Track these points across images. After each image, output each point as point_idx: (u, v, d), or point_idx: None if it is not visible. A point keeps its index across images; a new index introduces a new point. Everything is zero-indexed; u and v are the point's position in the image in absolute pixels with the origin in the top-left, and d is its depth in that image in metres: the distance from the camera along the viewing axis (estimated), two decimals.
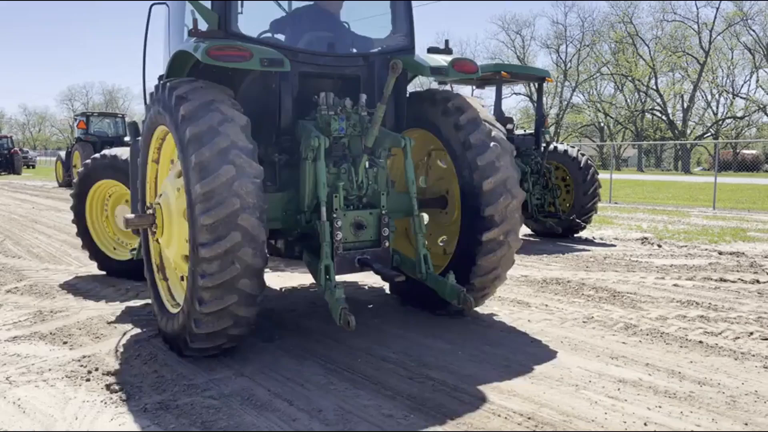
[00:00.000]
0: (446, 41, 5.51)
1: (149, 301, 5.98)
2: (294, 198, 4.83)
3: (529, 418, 3.44)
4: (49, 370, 4.21)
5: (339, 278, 4.49)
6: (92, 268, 7.68)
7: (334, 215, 4.49)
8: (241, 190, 3.89)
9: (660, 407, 3.60)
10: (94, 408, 3.61)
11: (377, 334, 4.96)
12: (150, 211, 4.77)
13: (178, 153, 4.15)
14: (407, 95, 5.50)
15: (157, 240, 4.81)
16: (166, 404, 3.64)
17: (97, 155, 7.11)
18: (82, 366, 4.27)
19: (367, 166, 4.77)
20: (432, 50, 5.42)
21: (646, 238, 10.92)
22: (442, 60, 5.11)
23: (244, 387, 3.89)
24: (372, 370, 4.18)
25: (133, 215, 4.89)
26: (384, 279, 4.84)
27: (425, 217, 5.37)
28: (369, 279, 6.88)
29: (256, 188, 3.97)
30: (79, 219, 7.16)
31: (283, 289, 6.66)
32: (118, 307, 5.81)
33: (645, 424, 3.37)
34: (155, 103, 4.54)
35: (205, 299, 3.93)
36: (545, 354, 4.53)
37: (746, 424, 3.38)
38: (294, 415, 3.50)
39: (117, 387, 3.89)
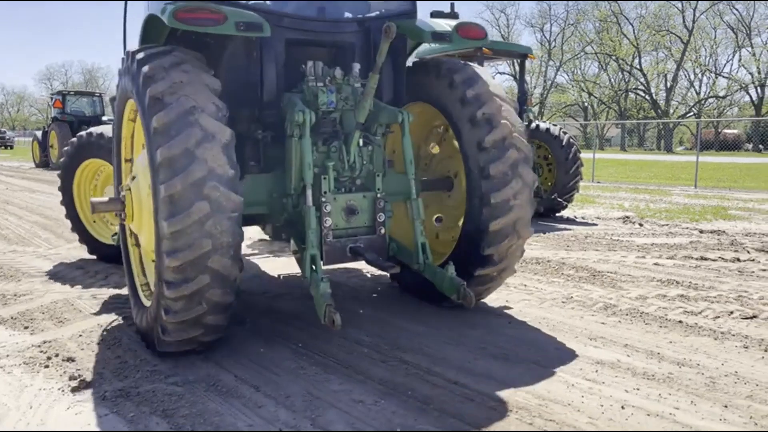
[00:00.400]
0: (452, 4, 5.03)
1: (118, 284, 5.82)
2: (280, 180, 4.40)
3: (503, 403, 3.33)
4: (7, 356, 4.02)
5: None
6: (61, 250, 7.48)
7: (323, 199, 4.10)
8: (214, 229, 3.48)
9: (638, 389, 3.50)
10: (51, 396, 3.44)
11: (352, 317, 4.83)
12: (122, 194, 4.40)
13: (149, 169, 3.66)
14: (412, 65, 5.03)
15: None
16: (126, 391, 3.48)
17: (82, 133, 6.67)
18: (42, 352, 4.10)
19: (360, 144, 4.31)
20: (435, 14, 4.94)
21: (627, 217, 10.87)
22: (445, 25, 4.59)
23: (210, 373, 3.74)
24: (344, 354, 4.05)
25: (100, 199, 4.53)
26: (380, 270, 4.35)
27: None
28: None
29: (233, 224, 3.56)
30: (68, 201, 6.74)
31: (258, 272, 6.50)
32: (84, 291, 5.62)
33: (622, 408, 3.27)
34: (127, 75, 4.07)
35: (169, 329, 3.70)
36: (523, 335, 4.42)
37: (726, 407, 3.29)
38: (260, 402, 3.36)
39: (77, 374, 3.71)
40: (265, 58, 4.30)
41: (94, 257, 6.81)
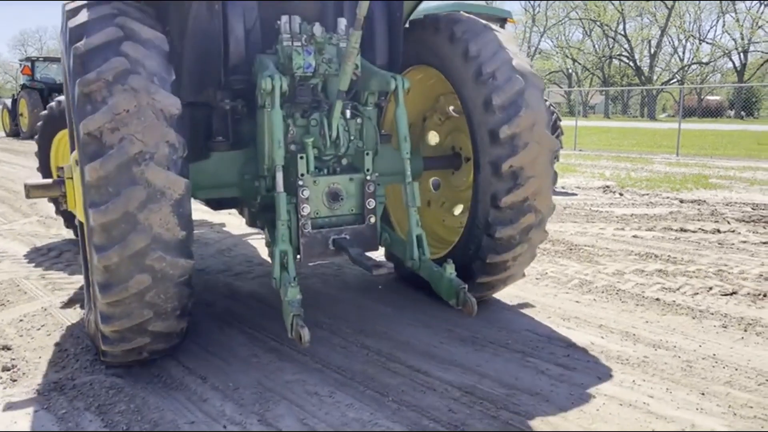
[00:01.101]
0: None
1: (71, 263, 5.51)
2: (252, 158, 3.75)
3: (467, 393, 3.10)
4: None
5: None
6: (16, 225, 7.13)
7: (300, 182, 3.43)
8: (157, 298, 2.96)
9: (611, 376, 3.29)
10: None
11: (314, 297, 4.57)
12: (59, 174, 3.86)
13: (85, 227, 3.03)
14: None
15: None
16: (62, 384, 3.22)
17: (52, 104, 6.12)
18: None
19: (348, 116, 3.64)
20: None
21: (608, 187, 10.68)
22: None
23: (156, 362, 3.46)
24: None
25: (37, 181, 3.90)
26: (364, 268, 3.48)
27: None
28: None
29: (181, 288, 3.02)
30: (45, 173, 6.22)
31: (219, 249, 6.21)
32: (33, 270, 5.30)
33: (594, 397, 3.06)
34: (64, 47, 3.26)
35: (109, 354, 3.24)
36: (492, 316, 4.19)
37: (703, 394, 3.09)
38: (205, 395, 3.11)
39: (11, 364, 3.44)
40: (229, 11, 3.66)
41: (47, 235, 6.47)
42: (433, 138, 4.82)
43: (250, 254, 5.87)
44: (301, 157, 3.45)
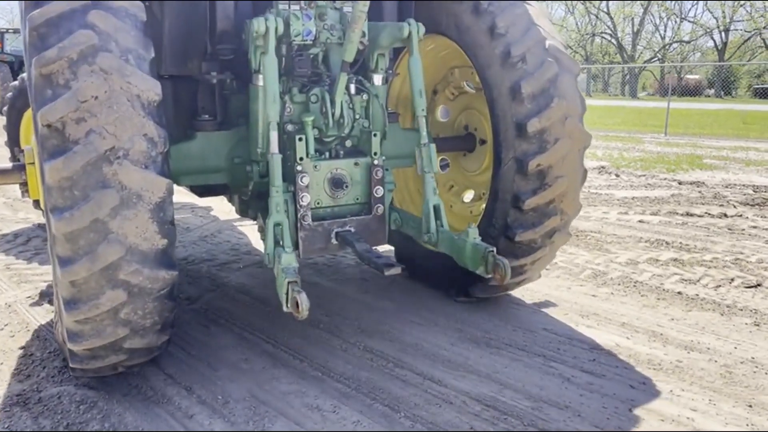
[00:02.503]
0: None
1: (39, 250, 5.05)
2: (244, 139, 3.33)
3: (488, 406, 2.75)
4: None
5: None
6: None
7: (299, 168, 3.00)
8: (134, 315, 2.55)
9: (644, 384, 2.97)
10: None
11: (309, 290, 4.16)
12: (20, 159, 3.41)
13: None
14: None
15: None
16: (26, 397, 2.82)
17: (23, 75, 5.63)
18: None
19: (353, 92, 3.18)
20: None
21: (603, 167, 10.37)
22: None
23: (133, 369, 3.07)
24: (298, 341, 3.41)
25: None
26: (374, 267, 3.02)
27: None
28: None
29: (162, 303, 2.61)
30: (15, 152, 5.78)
31: (201, 235, 5.78)
32: None
33: (630, 410, 2.73)
34: (20, 6, 2.71)
35: (79, 370, 2.83)
36: (505, 314, 3.84)
37: (750, 406, 2.78)
38: (191, 410, 2.73)
39: None
40: None
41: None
42: (442, 113, 4.34)
43: (236, 241, 5.45)
44: (300, 139, 2.98)
